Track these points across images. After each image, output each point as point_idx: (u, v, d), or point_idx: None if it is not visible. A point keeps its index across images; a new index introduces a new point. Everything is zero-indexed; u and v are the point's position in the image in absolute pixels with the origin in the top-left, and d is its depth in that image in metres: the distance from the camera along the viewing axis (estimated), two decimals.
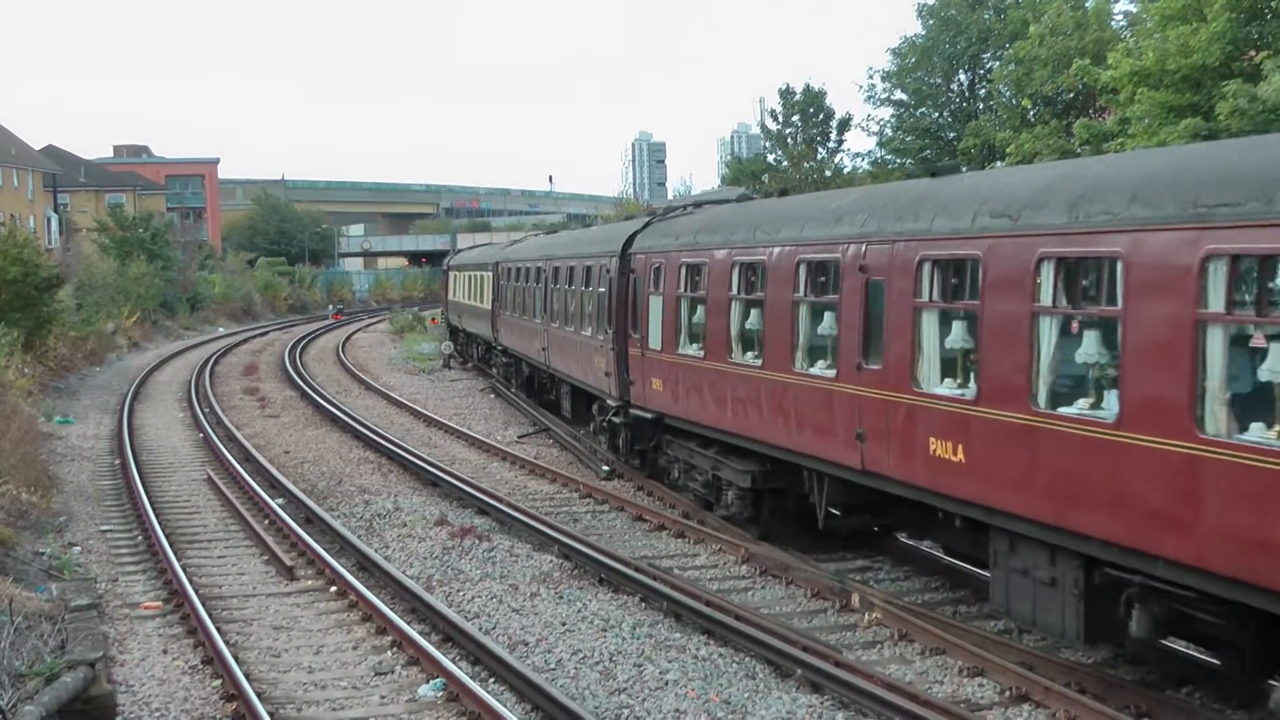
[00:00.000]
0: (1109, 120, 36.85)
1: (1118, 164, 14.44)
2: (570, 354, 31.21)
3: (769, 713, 13.34)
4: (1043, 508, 13.00)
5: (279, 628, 17.02)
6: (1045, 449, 12.87)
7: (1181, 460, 11.14)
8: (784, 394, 18.59)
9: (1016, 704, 13.59)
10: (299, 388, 46.01)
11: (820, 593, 18.01)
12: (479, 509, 24.27)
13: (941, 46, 57.73)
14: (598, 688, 14.18)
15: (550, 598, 17.91)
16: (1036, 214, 13.23)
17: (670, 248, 23.30)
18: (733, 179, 70.44)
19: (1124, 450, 11.79)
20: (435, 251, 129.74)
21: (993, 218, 13.87)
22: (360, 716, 13.74)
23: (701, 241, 22.03)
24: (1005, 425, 13.39)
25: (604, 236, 30.65)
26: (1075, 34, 43.25)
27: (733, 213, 22.91)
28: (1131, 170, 12.87)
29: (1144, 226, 11.63)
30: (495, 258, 46.24)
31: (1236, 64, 30.08)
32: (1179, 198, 11.40)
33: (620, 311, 25.86)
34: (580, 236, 37.49)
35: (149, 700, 14.21)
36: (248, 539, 22.36)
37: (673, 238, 23.45)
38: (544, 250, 36.64)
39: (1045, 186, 13.58)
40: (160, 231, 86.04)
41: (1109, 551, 12.24)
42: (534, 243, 43.20)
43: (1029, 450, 13.11)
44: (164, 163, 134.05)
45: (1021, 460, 13.24)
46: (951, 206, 14.96)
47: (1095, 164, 14.78)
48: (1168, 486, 11.33)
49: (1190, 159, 12.59)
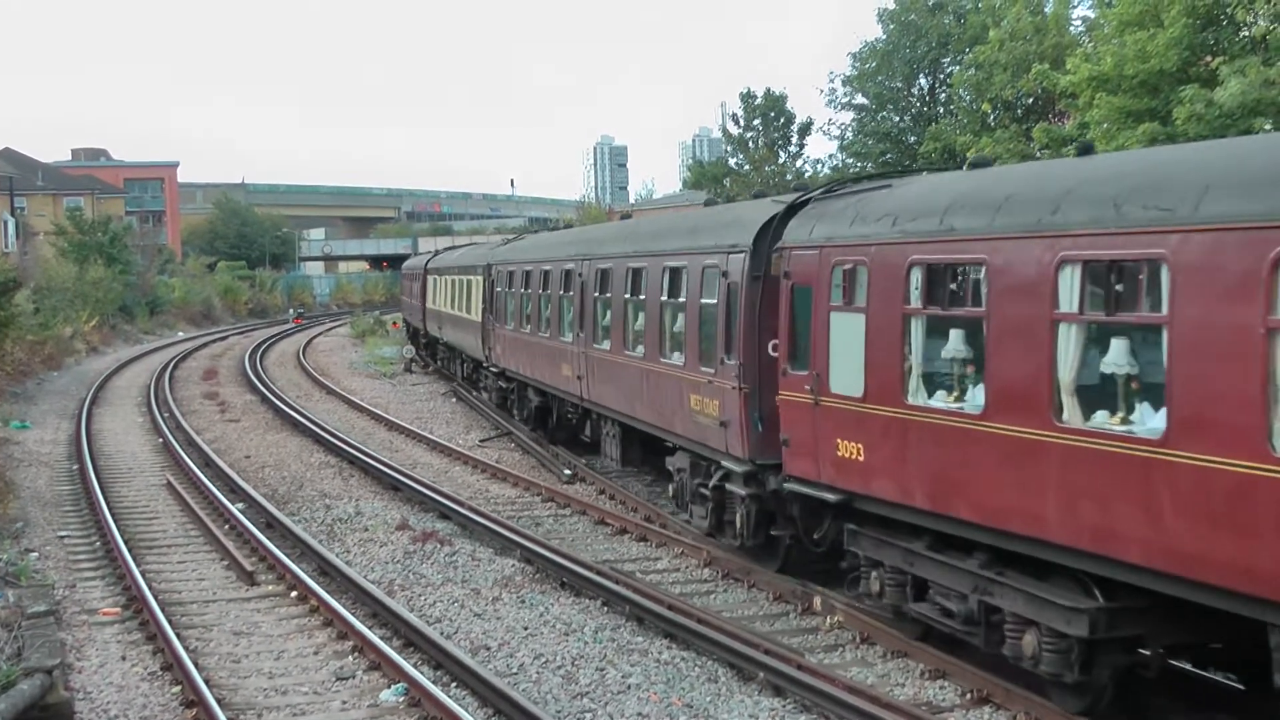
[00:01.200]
0: (1068, 125, 37.05)
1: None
2: (630, 386, 23.43)
3: (731, 716, 13.37)
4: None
5: (239, 633, 16.93)
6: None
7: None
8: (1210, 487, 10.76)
9: (978, 706, 13.65)
10: (260, 392, 45.79)
11: (782, 596, 18.04)
12: (441, 513, 24.21)
13: (902, 51, 57.92)
14: (560, 692, 14.17)
15: (512, 602, 17.89)
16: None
17: (885, 237, 15.06)
18: (694, 183, 70.65)
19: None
20: (396, 255, 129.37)
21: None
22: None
23: (970, 228, 13.69)
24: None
25: (709, 223, 21.38)
26: (1034, 39, 43.51)
27: (1040, 172, 15.56)
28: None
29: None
30: (488, 259, 38.55)
31: (1193, 69, 30.26)
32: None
33: (756, 333, 18.02)
34: (654, 227, 26.73)
35: (107, 707, 14.11)
36: (208, 544, 22.23)
37: (885, 221, 15.23)
38: (577, 248, 28.45)
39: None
40: (119, 235, 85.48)
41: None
42: (551, 239, 36.51)
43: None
44: (123, 166, 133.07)
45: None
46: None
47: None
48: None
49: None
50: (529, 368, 32.04)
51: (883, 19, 58.86)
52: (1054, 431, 12.11)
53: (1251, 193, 10.48)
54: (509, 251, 36.59)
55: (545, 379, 30.35)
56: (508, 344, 34.51)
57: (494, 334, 36.29)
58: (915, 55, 57.79)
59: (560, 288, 28.47)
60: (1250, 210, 10.36)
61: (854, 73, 59.88)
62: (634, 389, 23.27)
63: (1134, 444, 11.28)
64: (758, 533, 18.52)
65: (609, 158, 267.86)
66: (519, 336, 32.77)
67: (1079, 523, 11.91)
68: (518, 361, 33.38)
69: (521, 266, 32.88)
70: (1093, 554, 11.90)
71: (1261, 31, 28.84)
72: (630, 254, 23.95)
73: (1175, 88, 29.38)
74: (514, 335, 33.42)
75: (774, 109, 68.56)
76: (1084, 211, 11.97)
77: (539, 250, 32.72)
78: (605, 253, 25.79)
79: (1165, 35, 29.86)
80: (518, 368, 33.48)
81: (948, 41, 56.65)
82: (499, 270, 36.02)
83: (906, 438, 14.47)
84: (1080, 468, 11.79)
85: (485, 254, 40.39)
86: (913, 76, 59.12)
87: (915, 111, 59.38)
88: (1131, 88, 30.86)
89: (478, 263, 40.47)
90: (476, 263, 40.84)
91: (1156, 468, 10.99)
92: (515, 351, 33.59)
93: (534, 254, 32.54)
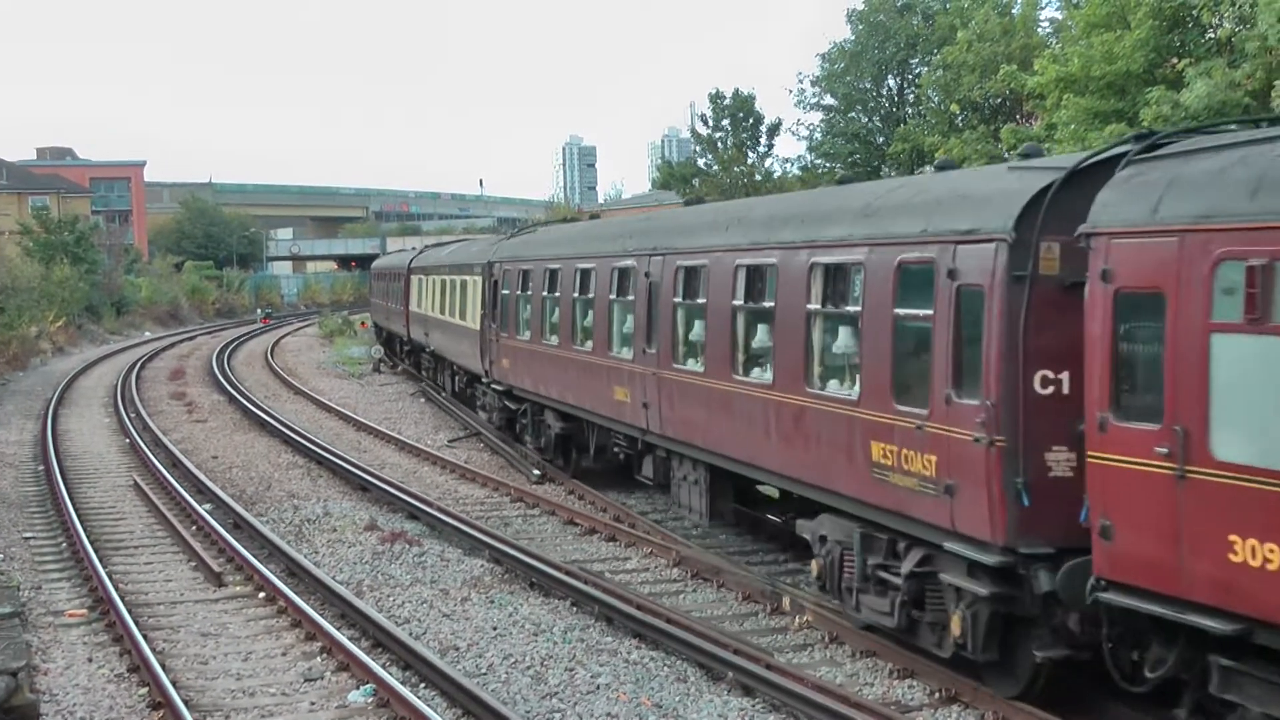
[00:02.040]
0: (1036, 125, 37.21)
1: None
2: (743, 423, 17.74)
3: (700, 715, 13.37)
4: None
5: (207, 634, 16.86)
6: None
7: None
8: None
9: (946, 705, 13.70)
10: (227, 392, 45.62)
11: (751, 596, 18.06)
12: (409, 514, 24.16)
13: (870, 52, 58.05)
14: (529, 692, 14.15)
15: (481, 602, 17.87)
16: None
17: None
18: (663, 183, 70.69)
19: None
20: (365, 255, 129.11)
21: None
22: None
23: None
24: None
25: (896, 201, 15.26)
26: (1002, 40, 43.67)
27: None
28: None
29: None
30: (490, 255, 32.56)
31: (1160, 71, 30.43)
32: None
33: (1017, 361, 12.44)
34: (781, 209, 18.79)
35: (73, 709, 14.03)
36: (175, 545, 22.13)
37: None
38: (640, 240, 22.29)
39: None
40: (85, 234, 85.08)
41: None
42: (587, 230, 30.02)
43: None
44: (89, 165, 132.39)
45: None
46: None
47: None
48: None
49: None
50: (551, 387, 26.60)
51: (851, 20, 59.01)
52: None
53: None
54: (520, 246, 30.65)
55: (579, 402, 24.89)
56: (519, 358, 28.78)
57: (498, 344, 30.53)
58: (884, 56, 57.94)
59: (610, 290, 22.95)
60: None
61: (823, 73, 60.00)
62: (750, 426, 17.51)
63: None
64: (990, 643, 13.08)
65: (578, 158, 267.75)
66: (537, 349, 27.21)
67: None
68: (534, 379, 27.76)
69: (542, 264, 27.13)
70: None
71: (1227, 34, 29.02)
72: (742, 246, 18.08)
73: (1142, 89, 29.54)
74: (528, 347, 27.88)
75: (742, 110, 68.56)
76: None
77: (568, 244, 27.11)
78: (693, 245, 20.01)
79: (1132, 37, 30.03)
80: (534, 386, 27.83)
81: (916, 42, 56.83)
82: (505, 269, 30.17)
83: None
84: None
85: (485, 250, 34.46)
86: (881, 77, 59.28)
87: (884, 112, 59.55)
88: (1099, 89, 31.02)
89: (476, 260, 34.73)
90: (474, 260, 35.14)
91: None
92: (530, 367, 27.95)
93: (561, 249, 26.98)
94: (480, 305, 32.84)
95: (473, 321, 34.14)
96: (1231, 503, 10.15)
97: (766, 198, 29.59)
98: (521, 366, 28.68)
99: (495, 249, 32.81)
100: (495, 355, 30.96)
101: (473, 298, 34.31)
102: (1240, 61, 27.80)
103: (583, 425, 25.59)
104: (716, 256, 18.81)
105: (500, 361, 30.43)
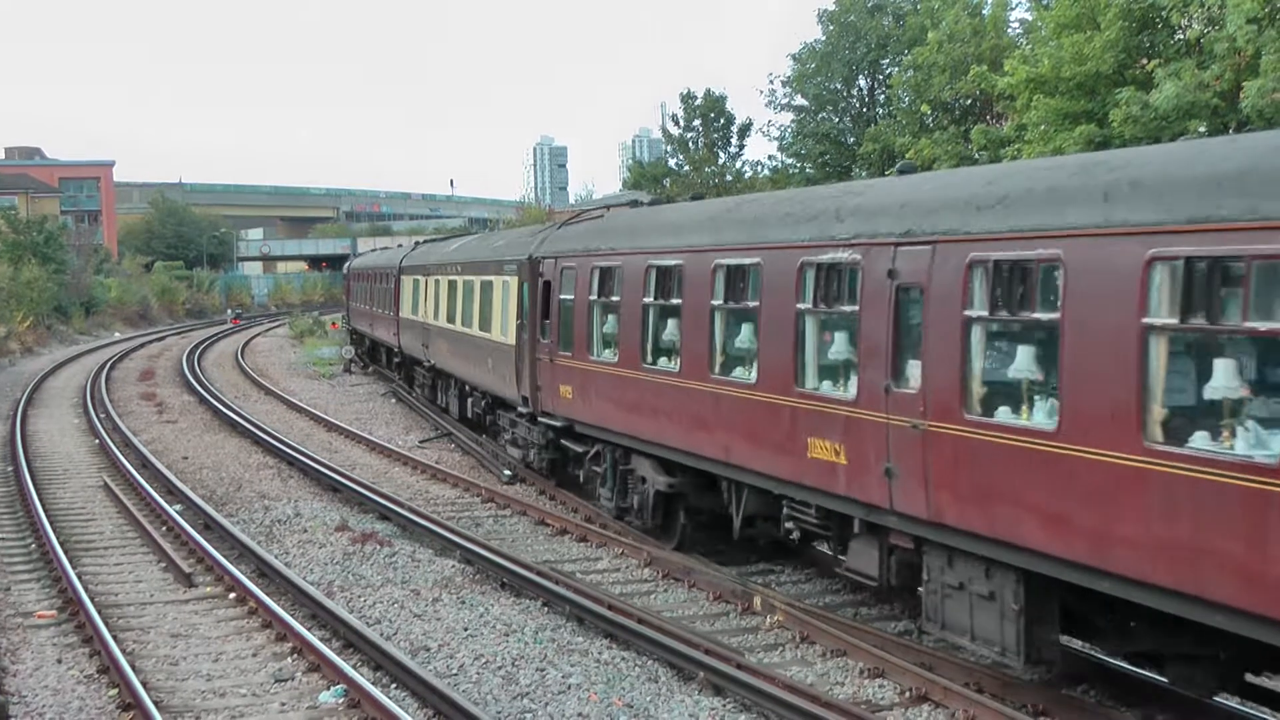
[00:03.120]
0: (1006, 126, 37.36)
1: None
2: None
3: (671, 716, 13.39)
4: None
5: (177, 635, 16.79)
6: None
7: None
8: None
9: (916, 704, 13.73)
10: (197, 393, 45.46)
11: (722, 596, 18.08)
12: (380, 514, 24.12)
13: (841, 52, 58.09)
14: (500, 693, 14.14)
15: (452, 603, 17.85)
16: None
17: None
18: (634, 183, 70.66)
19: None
20: (335, 256, 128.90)
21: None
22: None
23: None
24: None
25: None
26: (973, 41, 43.76)
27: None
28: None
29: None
30: (537, 248, 25.42)
31: (1129, 72, 30.61)
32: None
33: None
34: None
35: (43, 711, 13.96)
36: (145, 546, 22.04)
37: None
38: (864, 219, 15.12)
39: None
40: (54, 235, 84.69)
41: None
42: (739, 208, 19.50)
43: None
44: (57, 165, 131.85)
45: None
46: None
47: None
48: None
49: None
50: (653, 428, 20.02)
51: (823, 20, 59.06)
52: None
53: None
54: (590, 236, 23.47)
55: (723, 454, 17.95)
56: (593, 386, 22.14)
57: (552, 366, 23.86)
58: (854, 56, 57.99)
59: (801, 296, 15.82)
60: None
61: (794, 74, 60.05)
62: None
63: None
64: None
65: (549, 158, 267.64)
66: (629, 376, 20.56)
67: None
68: (621, 414, 21.17)
69: (641, 260, 20.32)
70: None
71: (1196, 35, 29.21)
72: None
73: (1111, 90, 29.70)
74: (612, 372, 21.25)
75: (714, 110, 68.55)
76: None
77: (698, 230, 19.40)
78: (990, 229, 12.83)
79: (1102, 38, 30.19)
80: (622, 425, 21.15)
81: (886, 43, 56.89)
82: (567, 267, 23.41)
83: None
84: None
85: (523, 243, 27.38)
86: (852, 78, 59.33)
87: (854, 113, 59.62)
88: (1068, 90, 31.18)
89: (508, 256, 27.89)
90: (505, 256, 28.21)
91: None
92: (614, 398, 21.38)
93: (682, 237, 19.67)
94: (516, 314, 26.31)
95: (501, 334, 27.72)
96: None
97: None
98: (597, 397, 22.08)
99: (543, 240, 25.67)
100: (547, 380, 24.20)
101: (501, 304, 27.92)
102: (1209, 63, 27.98)
103: (706, 482, 19.45)
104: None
105: (557, 389, 23.68)
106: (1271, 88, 25.09)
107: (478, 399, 31.59)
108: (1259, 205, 9.92)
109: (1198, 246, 10.31)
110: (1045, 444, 11.84)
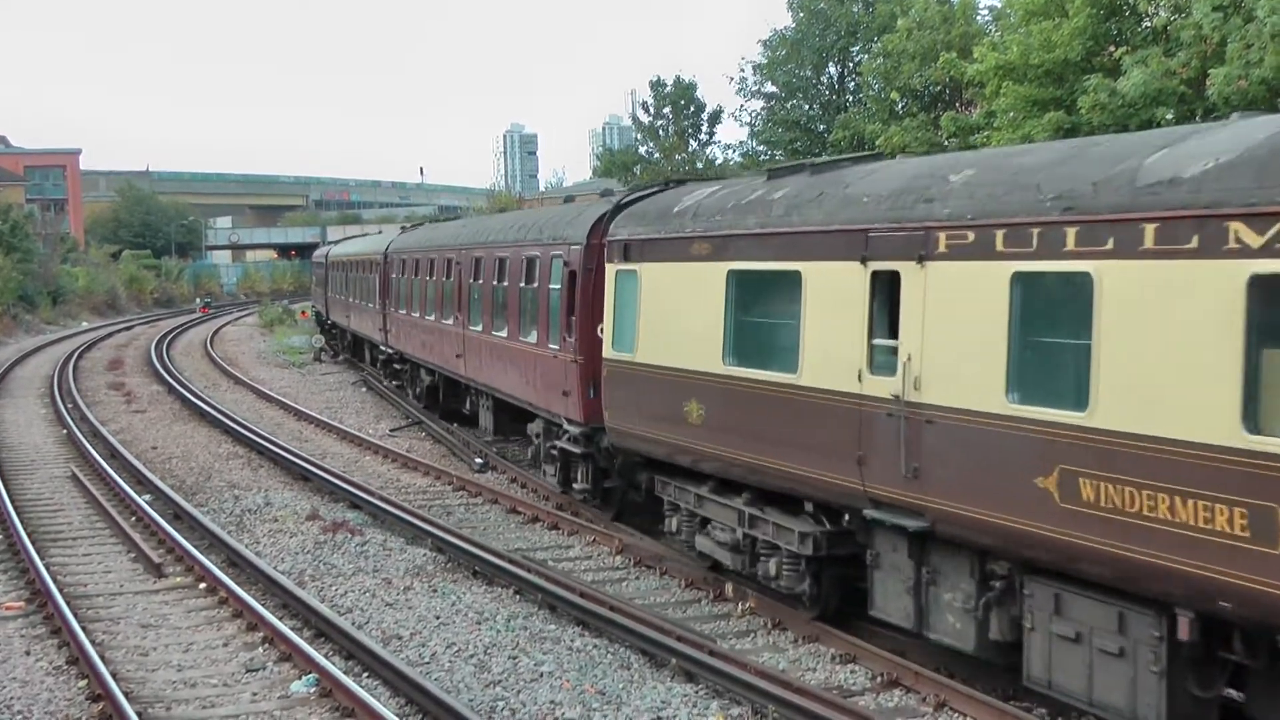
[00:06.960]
0: (975, 113, 37.43)
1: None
2: None
3: (644, 702, 13.40)
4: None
5: (147, 626, 16.73)
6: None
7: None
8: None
9: (888, 689, 13.79)
10: (166, 382, 45.25)
11: (694, 583, 18.11)
12: (351, 503, 24.07)
13: (811, 39, 58.20)
14: (473, 681, 14.14)
15: (424, 591, 17.84)
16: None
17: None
18: (604, 171, 70.67)
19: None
20: (305, 244, 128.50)
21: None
22: (231, 714, 13.55)
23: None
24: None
25: None
26: (942, 28, 43.87)
27: None
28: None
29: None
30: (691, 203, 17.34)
31: (1097, 59, 30.70)
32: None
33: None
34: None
35: (11, 703, 13.89)
36: (114, 536, 21.94)
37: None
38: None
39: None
40: (20, 224, 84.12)
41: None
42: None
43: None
44: (23, 153, 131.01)
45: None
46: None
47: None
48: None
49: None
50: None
51: (793, 7, 59.12)
52: None
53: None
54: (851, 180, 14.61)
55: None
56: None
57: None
58: (824, 44, 58.10)
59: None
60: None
61: (764, 61, 60.10)
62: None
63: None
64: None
65: (519, 145, 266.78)
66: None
67: None
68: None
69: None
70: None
71: (1163, 22, 29.30)
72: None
73: (1080, 77, 29.79)
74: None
75: (684, 97, 68.70)
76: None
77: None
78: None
79: (1070, 25, 30.27)
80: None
81: (856, 30, 57.04)
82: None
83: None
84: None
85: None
86: (822, 65, 59.44)
87: (825, 100, 59.72)
88: (1037, 77, 31.25)
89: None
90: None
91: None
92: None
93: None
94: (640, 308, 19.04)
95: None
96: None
97: None
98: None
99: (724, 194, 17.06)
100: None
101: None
102: (1176, 50, 28.08)
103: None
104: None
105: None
106: (1237, 75, 25.21)
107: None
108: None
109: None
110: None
